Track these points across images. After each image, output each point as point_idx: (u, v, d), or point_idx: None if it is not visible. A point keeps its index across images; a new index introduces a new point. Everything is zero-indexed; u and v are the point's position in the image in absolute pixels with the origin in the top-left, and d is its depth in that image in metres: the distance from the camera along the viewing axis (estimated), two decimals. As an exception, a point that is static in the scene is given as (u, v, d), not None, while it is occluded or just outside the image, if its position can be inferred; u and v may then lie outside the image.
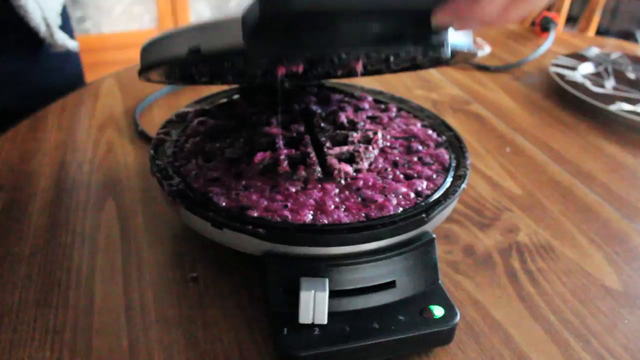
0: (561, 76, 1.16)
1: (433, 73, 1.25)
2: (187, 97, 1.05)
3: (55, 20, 1.06)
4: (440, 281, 0.56)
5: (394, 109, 0.78)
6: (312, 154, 0.62)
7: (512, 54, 1.39)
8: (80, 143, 0.90)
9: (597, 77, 1.21)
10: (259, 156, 0.61)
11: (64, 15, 1.13)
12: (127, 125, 0.95)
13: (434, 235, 0.57)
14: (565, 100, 1.13)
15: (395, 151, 0.67)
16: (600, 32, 2.93)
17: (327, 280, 0.51)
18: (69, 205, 0.74)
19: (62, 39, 1.06)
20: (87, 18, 3.11)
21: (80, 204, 0.75)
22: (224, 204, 0.56)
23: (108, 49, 3.01)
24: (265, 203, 0.56)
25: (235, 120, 0.73)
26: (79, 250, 0.66)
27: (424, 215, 0.55)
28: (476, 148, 0.93)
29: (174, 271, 0.63)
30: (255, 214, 0.54)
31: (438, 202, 0.58)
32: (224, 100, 0.79)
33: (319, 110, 0.72)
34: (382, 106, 0.79)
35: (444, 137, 0.71)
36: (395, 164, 0.64)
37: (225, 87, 0.83)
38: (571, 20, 3.06)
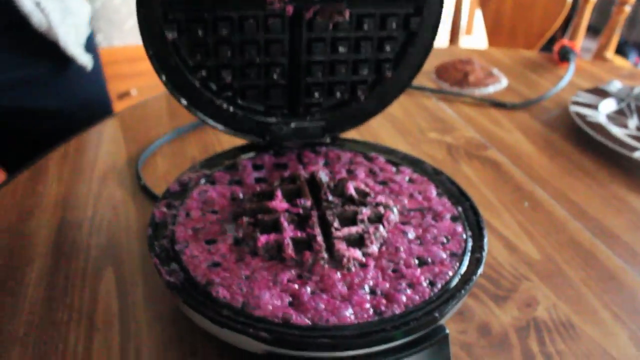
0: (582, 117, 1.11)
1: (447, 112, 1.21)
2: (192, 145, 1.03)
3: (73, 36, 1.15)
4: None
5: (408, 173, 0.75)
6: (319, 237, 0.59)
7: (530, 86, 1.35)
8: (81, 198, 0.87)
9: (619, 116, 1.16)
10: (263, 239, 0.59)
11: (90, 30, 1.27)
12: (130, 177, 0.93)
13: (448, 332, 0.54)
14: (586, 141, 1.09)
15: (409, 228, 0.64)
16: (618, 44, 2.88)
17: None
18: (67, 273, 0.72)
19: (76, 54, 1.16)
20: (98, 31, 3.12)
21: (79, 271, 0.72)
22: (225, 297, 0.53)
23: (119, 62, 3.02)
24: (268, 297, 0.53)
25: (237, 186, 0.71)
26: (75, 330, 0.63)
27: (437, 315, 0.52)
28: (492, 202, 0.89)
29: (173, 353, 0.61)
30: (258, 313, 0.52)
31: (453, 295, 0.55)
32: (228, 162, 0.76)
33: (325, 179, 0.69)
34: (394, 169, 0.76)
35: (459, 209, 0.67)
36: (407, 243, 0.61)
37: (229, 143, 0.80)
38: (591, 29, 3.01)
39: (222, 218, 0.65)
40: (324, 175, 0.69)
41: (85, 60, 1.22)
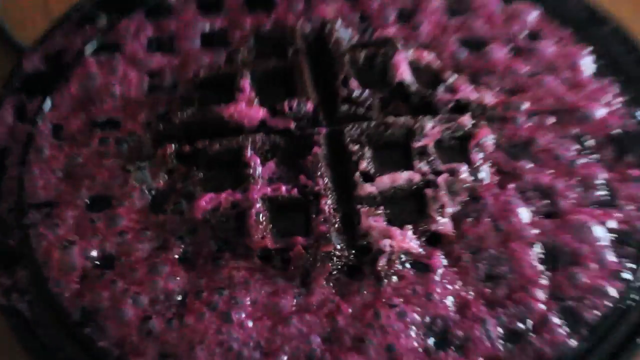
0: None
1: None
2: None
3: None
4: None
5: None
6: (327, 200, 0.27)
7: None
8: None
9: None
10: (203, 203, 0.28)
11: None
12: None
13: None
14: None
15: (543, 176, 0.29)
16: None
17: None
18: None
19: None
20: None
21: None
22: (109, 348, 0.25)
23: None
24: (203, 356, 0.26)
25: (164, 55, 0.34)
26: None
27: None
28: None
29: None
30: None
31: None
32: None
33: (347, 38, 0.33)
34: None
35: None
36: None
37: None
38: None
39: (126, 144, 0.31)
40: (343, 30, 0.35)
41: None
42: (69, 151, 0.31)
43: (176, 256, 0.27)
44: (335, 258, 0.27)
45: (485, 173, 0.29)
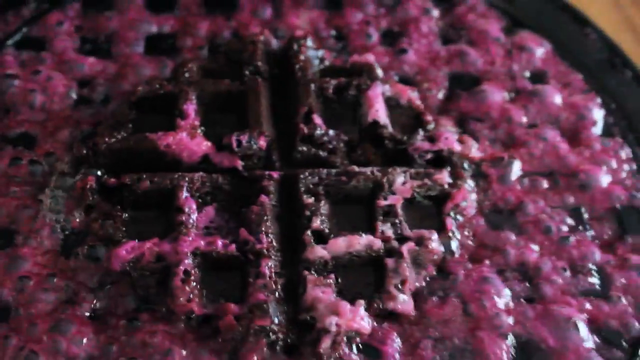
0: None
1: None
2: None
3: None
4: None
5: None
6: (270, 264, 0.23)
7: None
8: None
9: None
10: (123, 252, 0.24)
11: None
12: None
13: None
14: None
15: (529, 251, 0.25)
16: None
17: None
18: None
19: None
20: None
21: None
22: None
23: None
24: None
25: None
26: None
27: None
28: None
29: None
30: None
31: None
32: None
33: (315, 58, 0.29)
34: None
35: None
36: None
37: None
38: None
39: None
40: (313, 51, 0.28)
41: None
42: (-30, 171, 0.27)
43: (86, 313, 0.23)
44: (271, 333, 0.23)
45: (459, 243, 0.25)
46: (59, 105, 0.27)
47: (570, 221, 0.26)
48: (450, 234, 0.25)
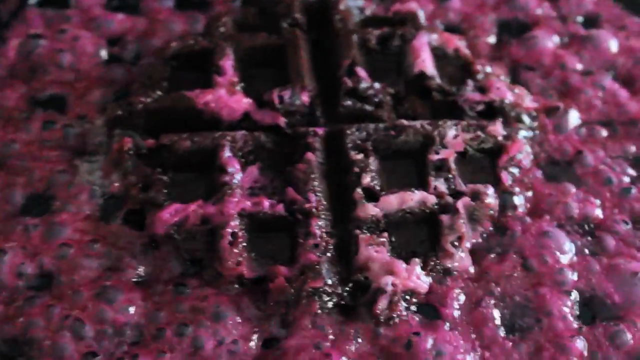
0: None
1: None
2: None
3: None
4: None
5: None
6: (320, 223, 0.22)
7: None
8: None
9: None
10: (166, 215, 0.23)
11: None
12: None
13: None
14: None
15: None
16: None
17: None
18: None
19: None
20: None
21: None
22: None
23: None
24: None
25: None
26: None
27: None
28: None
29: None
30: None
31: None
32: None
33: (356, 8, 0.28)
34: None
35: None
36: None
37: None
38: None
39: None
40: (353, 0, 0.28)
41: None
42: (2, 135, 0.26)
43: (132, 279, 0.23)
44: (324, 295, 0.22)
45: (516, 197, 0.25)
46: (89, 64, 0.27)
47: (631, 171, 0.25)
48: (507, 188, 0.24)
